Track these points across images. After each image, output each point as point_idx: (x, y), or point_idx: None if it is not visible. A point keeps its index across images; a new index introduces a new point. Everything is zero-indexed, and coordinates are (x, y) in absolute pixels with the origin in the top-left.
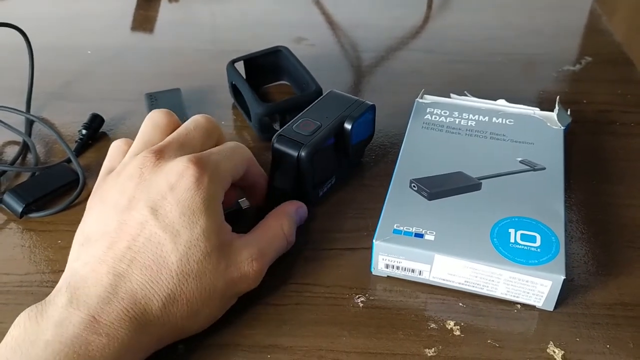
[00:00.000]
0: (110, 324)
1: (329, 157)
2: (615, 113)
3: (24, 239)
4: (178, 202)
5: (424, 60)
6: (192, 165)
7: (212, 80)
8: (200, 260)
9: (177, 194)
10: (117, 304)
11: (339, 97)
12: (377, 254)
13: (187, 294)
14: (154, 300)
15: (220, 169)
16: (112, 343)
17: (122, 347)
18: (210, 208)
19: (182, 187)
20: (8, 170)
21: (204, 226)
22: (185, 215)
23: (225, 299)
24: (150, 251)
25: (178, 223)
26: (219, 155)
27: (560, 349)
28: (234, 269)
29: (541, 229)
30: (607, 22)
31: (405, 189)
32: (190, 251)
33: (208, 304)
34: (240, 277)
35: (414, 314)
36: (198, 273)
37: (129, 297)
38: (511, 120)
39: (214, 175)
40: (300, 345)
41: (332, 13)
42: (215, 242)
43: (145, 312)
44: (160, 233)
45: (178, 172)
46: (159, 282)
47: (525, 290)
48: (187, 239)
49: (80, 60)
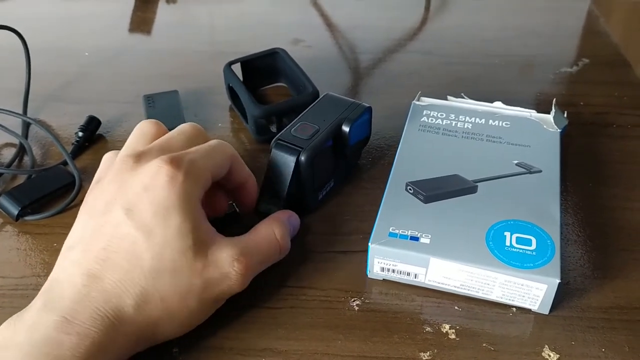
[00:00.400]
0: (82, 323)
1: (328, 160)
2: (612, 115)
3: (20, 242)
4: (152, 201)
5: (421, 62)
6: (165, 165)
7: (209, 82)
8: (174, 258)
9: (151, 194)
10: (88, 303)
11: (335, 99)
12: (372, 257)
13: (161, 292)
14: (127, 298)
15: (197, 167)
16: (83, 342)
17: (93, 346)
18: (186, 206)
19: (156, 186)
20: (4, 173)
21: (179, 224)
22: (159, 213)
23: (206, 301)
24: (124, 251)
25: (152, 222)
26: (196, 154)
27: (556, 353)
28: (213, 269)
29: (537, 232)
30: (604, 24)
31: (401, 191)
32: (164, 249)
33: (185, 303)
34: (220, 277)
35: (410, 317)
36: (172, 271)
37: (102, 296)
38: (507, 123)
39: (189, 173)
40: (296, 349)
41: (329, 15)
42: (190, 241)
43: (118, 310)
44: (134, 232)
45: (152, 172)
46: (132, 280)
47: (520, 294)
48: (161, 237)
49: (78, 62)
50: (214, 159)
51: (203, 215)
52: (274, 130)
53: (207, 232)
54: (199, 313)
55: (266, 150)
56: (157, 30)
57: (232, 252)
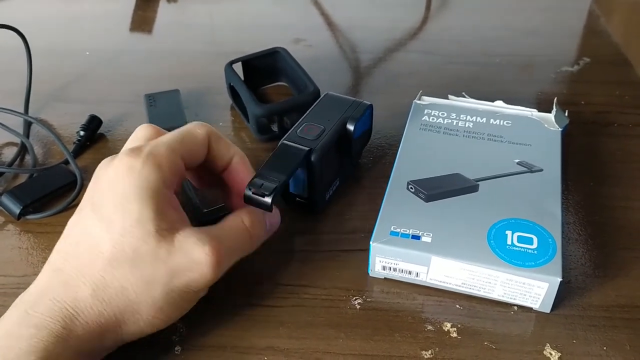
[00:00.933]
0: (40, 315)
1: (333, 159)
2: (613, 114)
3: (22, 240)
4: (113, 193)
5: (422, 61)
6: (124, 157)
7: (210, 81)
8: (136, 247)
9: (111, 185)
10: (49, 295)
11: (336, 99)
12: (374, 255)
13: (121, 280)
14: (85, 288)
15: (157, 153)
16: (40, 333)
17: (51, 336)
18: (145, 193)
19: (117, 179)
20: (6, 172)
21: (138, 212)
22: (118, 203)
23: (173, 292)
24: (86, 243)
25: (112, 212)
26: (160, 141)
27: (557, 351)
28: (180, 255)
29: (538, 230)
30: (605, 24)
31: (403, 190)
32: (124, 238)
33: (149, 293)
34: (189, 263)
35: (411, 315)
36: (133, 259)
37: (61, 288)
38: (509, 122)
39: (148, 161)
40: (297, 348)
41: (330, 14)
42: (152, 227)
43: (76, 300)
44: (96, 223)
45: (114, 165)
46: (91, 270)
47: (522, 292)
48: (121, 226)
49: (79, 61)
50: (182, 143)
51: (170, 202)
52: (275, 130)
53: (173, 220)
54: (167, 305)
55: (267, 149)
56: (158, 29)
57: (201, 237)
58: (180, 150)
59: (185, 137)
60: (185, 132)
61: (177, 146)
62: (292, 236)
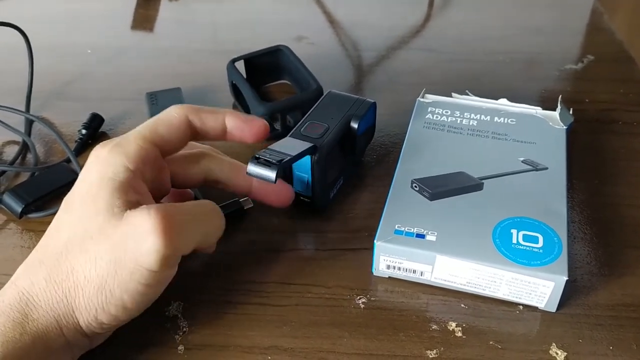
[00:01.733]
0: (2, 303)
1: (337, 158)
2: (617, 112)
3: (24, 239)
4: (79, 183)
5: (425, 59)
6: (94, 149)
7: (212, 79)
8: (86, 227)
9: (80, 177)
10: (12, 283)
11: (339, 97)
12: (378, 254)
13: (72, 261)
14: (40, 272)
15: (125, 139)
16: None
17: (8, 321)
18: (106, 178)
19: (85, 169)
20: (7, 170)
21: (95, 194)
22: (82, 190)
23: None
24: (52, 233)
25: (76, 200)
26: (132, 131)
27: (563, 351)
28: (124, 227)
29: (543, 229)
30: (609, 21)
31: (407, 189)
32: (79, 222)
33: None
34: (132, 233)
35: (416, 315)
36: (83, 239)
37: (22, 276)
38: (513, 120)
39: (115, 148)
40: (301, 347)
41: (332, 12)
42: (104, 206)
43: (32, 284)
44: (62, 215)
45: (88, 158)
46: (49, 255)
47: (527, 292)
48: (80, 211)
49: (80, 59)
50: (153, 130)
51: (134, 187)
52: (278, 128)
53: (130, 201)
54: (119, 289)
55: None
56: (159, 27)
57: (149, 207)
58: (151, 137)
59: (158, 123)
60: (158, 118)
61: (147, 133)
62: (295, 235)
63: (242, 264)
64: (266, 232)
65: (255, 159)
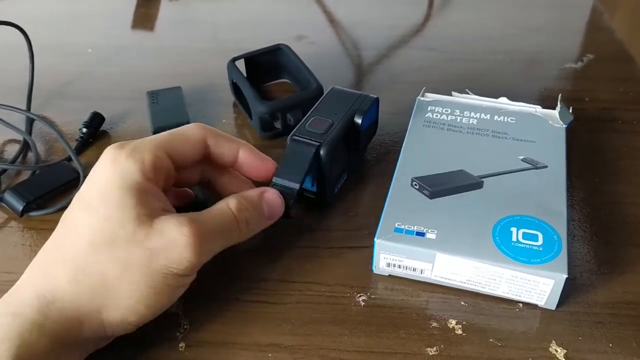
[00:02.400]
0: (18, 302)
1: (342, 153)
2: (617, 111)
3: (25, 237)
4: (95, 182)
5: (425, 58)
6: (110, 149)
7: (212, 78)
8: (114, 231)
9: (96, 177)
10: (27, 283)
11: (342, 93)
12: (378, 252)
13: (100, 264)
14: (63, 274)
15: (143, 147)
16: (16, 320)
17: (26, 323)
18: (127, 182)
19: (100, 169)
20: (8, 169)
21: (119, 199)
22: (101, 192)
23: (153, 276)
24: (69, 232)
25: (95, 200)
26: (148, 138)
27: (563, 348)
28: (157, 237)
29: (543, 227)
30: (609, 20)
31: (407, 187)
32: (105, 224)
33: (128, 278)
34: (166, 244)
35: (416, 312)
36: (111, 243)
37: (40, 276)
38: (513, 119)
39: (133, 152)
40: (302, 344)
41: (332, 11)
42: (132, 214)
43: (54, 285)
44: (79, 213)
45: (101, 158)
46: (71, 257)
47: (527, 289)
48: (102, 213)
49: (81, 58)
50: (170, 142)
51: (154, 194)
52: (278, 127)
53: (155, 208)
54: (148, 290)
55: (270, 146)
56: (160, 26)
57: (180, 219)
58: (167, 148)
59: (176, 136)
60: (177, 132)
61: (164, 144)
62: (295, 233)
63: (243, 261)
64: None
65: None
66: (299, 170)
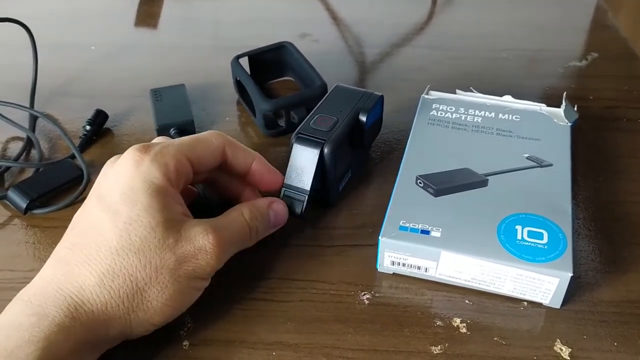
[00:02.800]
0: (43, 304)
1: (346, 151)
2: (621, 109)
3: (28, 235)
4: (119, 184)
5: (429, 56)
6: (133, 151)
7: (216, 76)
8: (143, 235)
9: (118, 178)
10: (52, 285)
11: (346, 90)
12: (383, 250)
13: (129, 268)
14: (90, 276)
15: (166, 152)
16: (42, 322)
17: (53, 325)
18: (152, 186)
19: (124, 171)
20: (12, 166)
21: (145, 203)
22: (125, 194)
23: (181, 279)
24: (92, 233)
25: (118, 202)
26: (171, 142)
27: (567, 347)
28: (186, 243)
29: (548, 225)
30: (613, 18)
31: (412, 185)
32: (131, 227)
33: (157, 280)
34: (195, 251)
35: (420, 311)
36: (141, 247)
37: (66, 278)
38: (517, 117)
39: (157, 157)
40: (306, 343)
41: (336, 9)
42: (160, 218)
43: (81, 289)
44: (101, 214)
45: (122, 159)
46: (97, 259)
47: (532, 288)
48: (127, 216)
49: (84, 56)
50: (192, 148)
51: (175, 198)
52: (282, 125)
53: (178, 212)
54: (176, 293)
55: (274, 144)
56: (163, 24)
57: (204, 227)
58: (189, 154)
59: (198, 143)
60: (199, 138)
61: (187, 150)
62: (300, 231)
63: (246, 260)
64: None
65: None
66: (307, 173)
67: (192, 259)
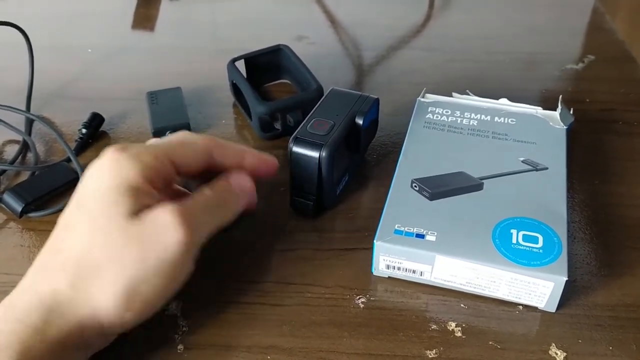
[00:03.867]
0: (21, 308)
1: (343, 154)
2: (618, 112)
3: (24, 238)
4: (95, 184)
5: (426, 59)
6: (111, 151)
7: (212, 79)
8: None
9: (95, 178)
10: (30, 289)
11: (342, 93)
12: (378, 254)
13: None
14: (63, 279)
15: (145, 151)
16: (19, 327)
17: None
18: (124, 183)
19: (100, 171)
20: (8, 170)
21: (113, 197)
22: (97, 190)
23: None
24: (66, 234)
25: (90, 200)
26: (153, 142)
27: (563, 351)
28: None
29: (543, 229)
30: (610, 21)
31: (407, 189)
32: (97, 221)
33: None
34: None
35: (415, 315)
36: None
37: (42, 281)
38: (513, 120)
39: (134, 155)
40: (301, 347)
41: (333, 11)
42: (123, 208)
43: (55, 291)
44: (78, 216)
45: (100, 160)
46: (68, 258)
47: (527, 292)
48: (96, 210)
49: (81, 59)
50: (175, 148)
51: (150, 194)
52: (278, 128)
53: (147, 205)
54: (145, 286)
55: (270, 147)
56: (160, 27)
57: (165, 204)
58: (170, 154)
59: (180, 144)
60: (182, 140)
61: (168, 150)
62: (295, 234)
63: (242, 263)
64: (266, 231)
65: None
66: (310, 176)
67: (156, 239)
